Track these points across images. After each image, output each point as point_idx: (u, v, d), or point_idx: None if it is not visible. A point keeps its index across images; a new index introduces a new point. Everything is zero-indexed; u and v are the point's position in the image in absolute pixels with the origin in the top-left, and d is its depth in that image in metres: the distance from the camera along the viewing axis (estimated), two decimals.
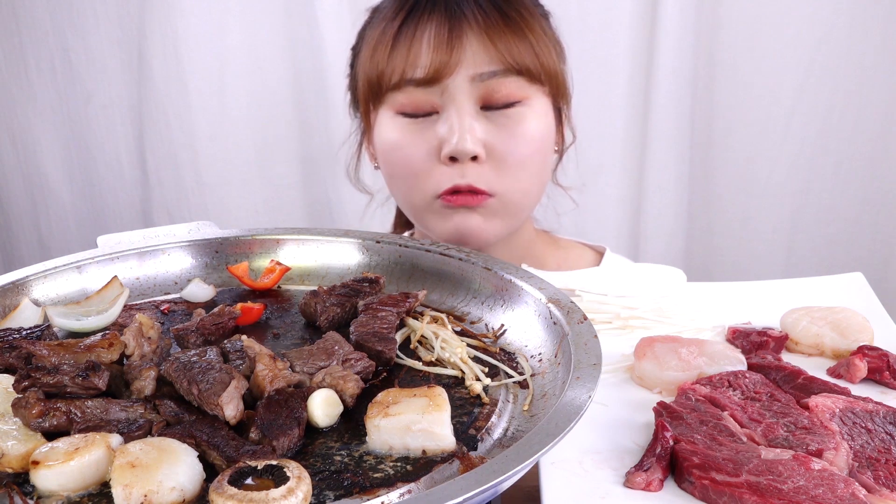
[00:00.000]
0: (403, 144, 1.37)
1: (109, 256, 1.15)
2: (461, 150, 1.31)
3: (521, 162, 1.36)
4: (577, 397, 0.77)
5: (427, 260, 1.14)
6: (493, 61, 1.32)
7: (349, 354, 0.90)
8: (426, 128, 1.36)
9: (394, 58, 1.34)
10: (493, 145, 1.34)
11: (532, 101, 1.36)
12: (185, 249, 1.20)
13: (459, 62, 1.31)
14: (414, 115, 1.36)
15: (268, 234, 1.23)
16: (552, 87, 1.39)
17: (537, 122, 1.36)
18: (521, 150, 1.35)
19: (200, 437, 0.75)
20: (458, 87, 1.32)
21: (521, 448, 0.69)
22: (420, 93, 1.34)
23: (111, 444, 0.74)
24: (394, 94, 1.36)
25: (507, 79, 1.32)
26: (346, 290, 1.06)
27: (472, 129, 1.32)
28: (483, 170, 1.34)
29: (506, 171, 1.36)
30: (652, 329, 1.14)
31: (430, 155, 1.35)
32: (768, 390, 0.96)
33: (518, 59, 1.32)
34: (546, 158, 1.42)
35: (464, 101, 1.32)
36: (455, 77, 1.31)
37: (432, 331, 0.98)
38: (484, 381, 0.90)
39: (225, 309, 1.01)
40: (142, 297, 1.14)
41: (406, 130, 1.37)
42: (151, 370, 0.85)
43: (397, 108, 1.37)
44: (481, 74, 1.31)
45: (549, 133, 1.41)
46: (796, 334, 1.10)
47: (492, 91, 1.33)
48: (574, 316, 0.93)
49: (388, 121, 1.39)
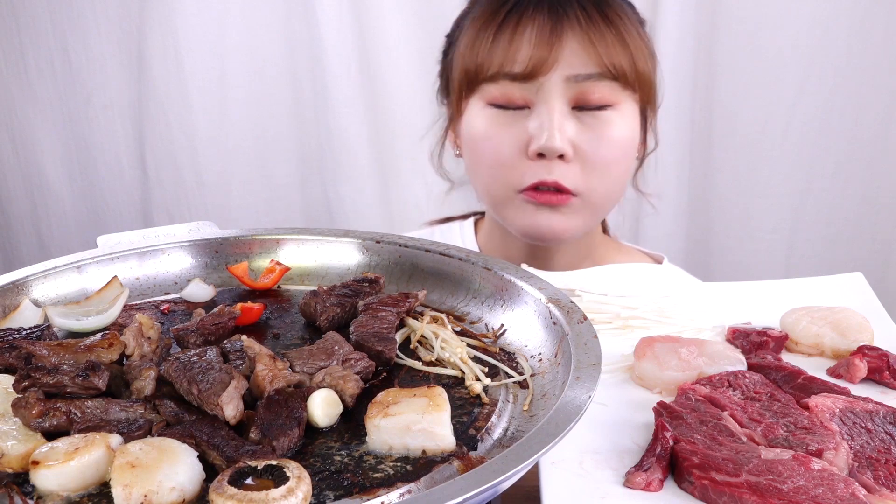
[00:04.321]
0: (491, 135, 1.39)
1: (109, 256, 1.15)
2: (550, 147, 1.33)
3: (606, 164, 1.38)
4: (577, 397, 0.77)
5: (427, 260, 1.14)
6: (591, 63, 1.33)
7: (349, 354, 0.90)
8: (516, 121, 1.38)
9: (494, 50, 1.36)
10: (582, 146, 1.36)
11: (622, 107, 1.38)
12: (184, 249, 1.20)
13: (557, 61, 1.33)
14: (505, 107, 1.38)
15: (268, 234, 1.23)
16: (643, 94, 1.40)
17: (625, 126, 1.38)
18: (608, 152, 1.37)
19: (200, 437, 0.75)
20: (553, 85, 1.34)
21: (521, 448, 0.69)
22: (515, 87, 1.36)
23: (111, 444, 0.74)
24: (488, 86, 1.38)
25: (602, 82, 1.34)
26: (346, 290, 1.06)
27: (563, 128, 1.33)
28: (570, 169, 1.36)
29: (591, 172, 1.37)
30: (652, 329, 1.14)
31: (517, 149, 1.37)
32: (768, 390, 0.96)
33: (615, 64, 1.34)
34: (629, 163, 1.45)
35: (557, 99, 1.34)
36: (551, 76, 1.33)
37: (432, 331, 0.98)
38: (484, 381, 0.90)
39: (225, 309, 1.01)
40: (142, 297, 1.14)
41: (495, 122, 1.39)
42: (151, 370, 0.85)
43: (489, 100, 1.39)
44: (577, 76, 1.33)
45: (635, 138, 1.43)
46: (796, 334, 1.10)
47: (585, 93, 1.34)
48: (574, 316, 0.93)
49: (479, 111, 1.41)
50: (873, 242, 2.39)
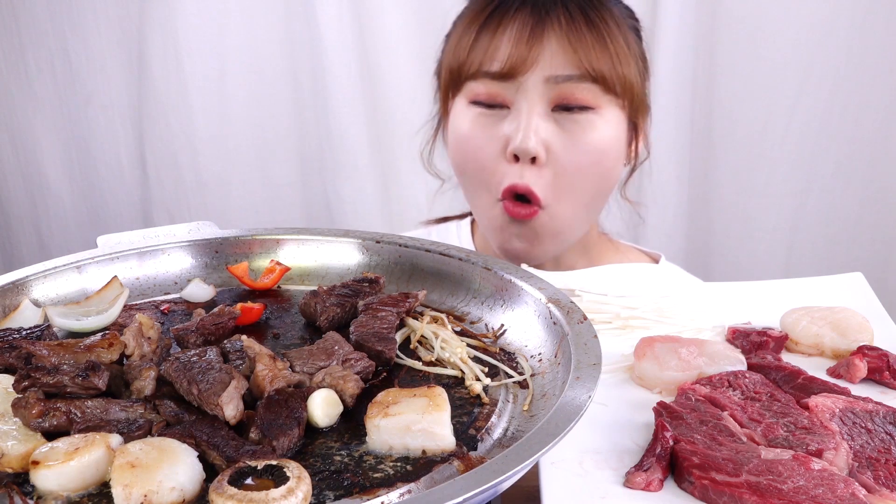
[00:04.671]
0: (473, 136, 1.40)
1: (109, 256, 1.15)
2: (523, 148, 1.32)
3: (579, 171, 1.37)
4: (577, 397, 0.77)
5: (427, 260, 1.14)
6: (570, 65, 1.33)
7: (349, 354, 0.90)
8: (496, 123, 1.38)
9: (475, 48, 1.37)
10: (556, 149, 1.35)
11: (604, 111, 1.36)
12: (184, 249, 1.20)
13: (536, 61, 1.32)
14: (488, 104, 1.38)
15: (268, 234, 1.23)
16: (628, 100, 1.39)
17: (605, 132, 1.37)
18: (582, 157, 1.36)
19: (200, 437, 0.75)
20: (533, 86, 1.33)
21: (521, 448, 0.69)
22: (495, 86, 1.36)
23: (111, 445, 0.74)
24: (471, 84, 1.39)
25: (582, 84, 1.33)
26: (346, 290, 1.06)
27: (538, 130, 1.33)
28: (541, 175, 1.36)
29: (562, 179, 1.36)
30: (652, 329, 1.14)
31: (497, 152, 1.38)
32: (768, 390, 0.96)
33: (595, 67, 1.32)
34: (608, 172, 1.42)
35: (535, 100, 1.34)
36: (530, 75, 1.33)
37: (432, 331, 0.98)
38: (484, 381, 0.90)
39: (225, 309, 1.01)
40: (142, 297, 1.14)
41: (477, 123, 1.39)
42: (151, 370, 0.85)
43: (472, 98, 1.40)
44: (556, 77, 1.33)
45: (616, 146, 1.40)
46: (796, 334, 1.10)
47: (565, 95, 1.34)
48: (574, 316, 0.93)
49: (463, 109, 1.42)
50: (873, 242, 2.39)
